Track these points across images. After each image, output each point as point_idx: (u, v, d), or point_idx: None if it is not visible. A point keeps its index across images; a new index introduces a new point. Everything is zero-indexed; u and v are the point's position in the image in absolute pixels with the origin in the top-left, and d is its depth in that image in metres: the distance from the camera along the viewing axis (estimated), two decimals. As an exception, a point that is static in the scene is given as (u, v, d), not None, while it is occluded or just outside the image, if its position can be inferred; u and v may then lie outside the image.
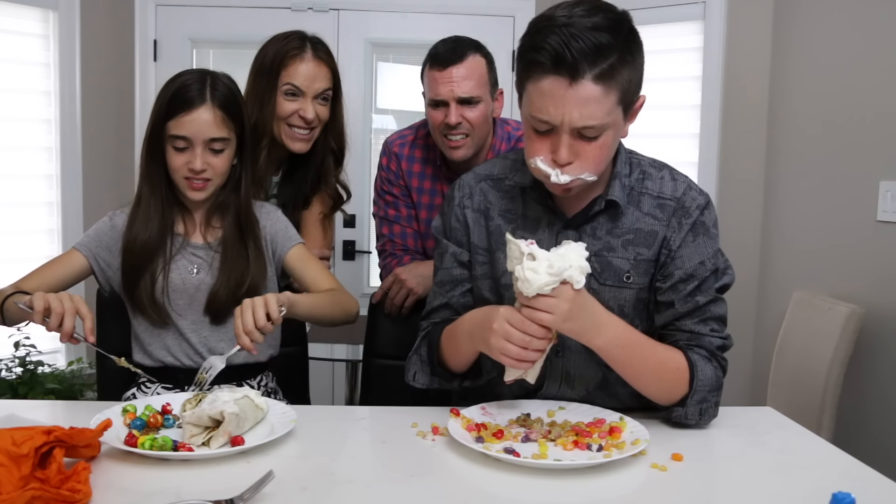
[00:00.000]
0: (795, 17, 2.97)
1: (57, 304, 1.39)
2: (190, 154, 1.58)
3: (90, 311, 1.43)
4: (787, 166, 3.01)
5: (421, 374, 1.53)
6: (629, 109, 1.34)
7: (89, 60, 3.29)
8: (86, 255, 1.66)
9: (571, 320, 1.25)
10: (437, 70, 1.95)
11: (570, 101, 1.26)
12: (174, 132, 1.57)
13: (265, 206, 1.77)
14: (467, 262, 1.52)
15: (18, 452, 1.05)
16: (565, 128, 1.28)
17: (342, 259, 3.68)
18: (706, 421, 1.41)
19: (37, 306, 1.40)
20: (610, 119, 1.29)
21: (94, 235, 1.68)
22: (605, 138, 1.31)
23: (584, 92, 1.25)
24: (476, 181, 1.53)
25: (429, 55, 2.00)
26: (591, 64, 1.24)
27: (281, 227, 1.75)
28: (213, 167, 1.60)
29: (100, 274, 1.67)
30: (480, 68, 1.97)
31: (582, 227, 1.44)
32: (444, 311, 1.54)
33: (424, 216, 2.16)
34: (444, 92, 1.94)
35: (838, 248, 2.67)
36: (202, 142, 1.58)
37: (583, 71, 1.24)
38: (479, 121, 1.97)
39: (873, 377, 2.47)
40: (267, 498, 1.08)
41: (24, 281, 1.61)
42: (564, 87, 1.25)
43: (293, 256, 1.73)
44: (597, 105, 1.26)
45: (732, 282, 1.50)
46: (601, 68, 1.24)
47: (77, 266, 1.66)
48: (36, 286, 1.57)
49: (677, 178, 1.46)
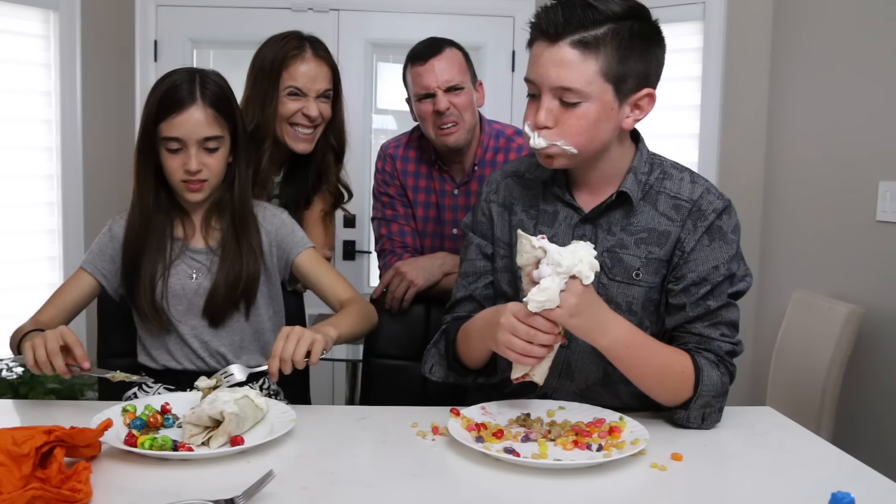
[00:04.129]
0: (795, 17, 2.97)
1: (40, 353, 1.37)
2: (184, 155, 1.56)
3: (77, 340, 1.40)
4: (787, 166, 3.01)
5: (438, 368, 1.54)
6: (624, 93, 1.35)
7: (89, 61, 3.28)
8: (91, 272, 1.65)
9: (578, 315, 1.25)
10: (420, 65, 2.02)
11: (547, 61, 1.33)
12: (167, 134, 1.56)
13: (269, 208, 1.75)
14: (491, 255, 1.55)
15: (19, 452, 1.05)
16: (545, 89, 1.34)
17: (342, 259, 3.68)
18: (709, 425, 1.41)
19: (28, 361, 1.39)
20: (591, 89, 1.32)
21: (96, 251, 1.67)
22: (587, 110, 1.33)
23: (560, 54, 1.32)
24: (503, 177, 1.57)
25: (408, 56, 2.08)
26: (571, 31, 1.31)
27: (287, 231, 1.72)
28: (209, 167, 1.59)
29: (108, 287, 1.67)
30: (458, 59, 2.06)
31: (598, 221, 1.45)
32: (466, 303, 1.56)
33: (421, 214, 2.18)
34: (429, 82, 2.00)
35: (838, 248, 2.67)
36: (196, 142, 1.56)
37: (561, 35, 1.32)
38: (466, 105, 2.04)
39: (873, 377, 2.47)
40: (267, 498, 1.08)
41: (40, 313, 1.61)
42: (544, 48, 1.33)
43: (304, 261, 1.71)
44: (574, 69, 1.31)
45: (748, 289, 1.50)
46: (580, 36, 1.31)
47: (87, 287, 1.66)
48: (52, 316, 1.59)
49: (697, 180, 1.47)
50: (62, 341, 1.38)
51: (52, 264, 3.21)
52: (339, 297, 1.68)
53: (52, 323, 1.57)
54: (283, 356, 1.40)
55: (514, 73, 3.70)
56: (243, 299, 1.66)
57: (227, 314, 1.66)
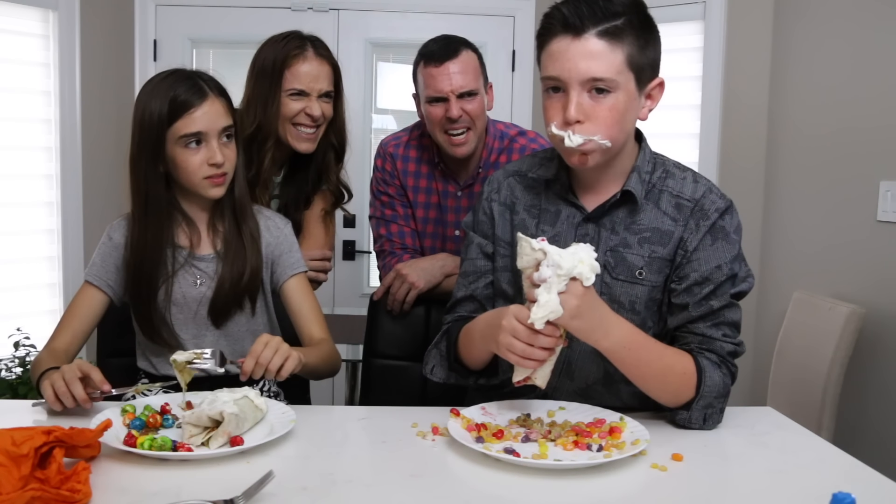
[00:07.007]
0: (796, 17, 2.97)
1: (59, 385, 1.36)
2: (207, 150, 1.55)
3: (92, 366, 1.39)
4: (787, 166, 3.01)
5: (439, 369, 1.54)
6: (643, 83, 1.37)
7: (89, 60, 3.28)
8: (98, 285, 1.64)
9: (580, 317, 1.25)
10: (434, 66, 1.98)
11: (574, 54, 1.32)
12: (186, 131, 1.54)
13: (272, 218, 1.74)
14: (491, 254, 1.55)
15: (18, 452, 1.05)
16: (573, 83, 1.33)
17: (342, 259, 3.68)
18: (710, 426, 1.41)
19: (48, 399, 1.38)
20: (620, 79, 1.33)
21: (99, 262, 1.65)
22: (616, 101, 1.34)
23: (589, 45, 1.32)
24: (504, 176, 1.57)
25: (421, 54, 2.03)
26: (595, 22, 1.31)
27: (285, 248, 1.71)
28: (229, 159, 1.59)
29: (115, 298, 1.66)
30: (473, 62, 2.03)
31: (601, 221, 1.45)
32: (467, 303, 1.56)
33: (421, 215, 2.17)
34: (443, 87, 1.97)
35: (838, 248, 2.67)
36: (216, 133, 1.56)
37: (587, 27, 1.31)
38: (478, 112, 2.01)
39: (873, 377, 2.47)
40: (267, 498, 1.08)
41: (55, 339, 1.59)
42: (569, 42, 1.32)
43: (292, 286, 1.70)
44: (602, 59, 1.31)
45: (750, 289, 1.50)
46: (605, 26, 1.32)
47: (97, 302, 1.64)
48: (69, 341, 1.59)
49: (699, 180, 1.48)
50: (80, 373, 1.37)
51: (52, 264, 3.20)
52: (311, 333, 1.67)
53: (69, 349, 1.57)
54: (260, 360, 1.39)
55: (515, 73, 3.70)
56: (247, 295, 1.66)
57: (230, 312, 1.65)
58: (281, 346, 1.41)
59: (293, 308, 1.70)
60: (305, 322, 1.69)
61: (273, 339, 1.41)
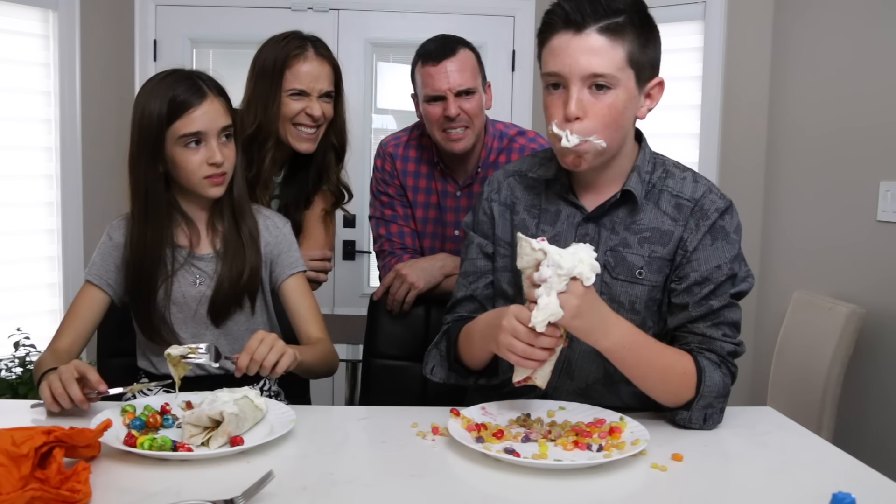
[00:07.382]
0: (795, 17, 2.97)
1: (56, 386, 1.36)
2: (206, 149, 1.56)
3: (89, 366, 1.40)
4: (787, 166, 3.01)
5: (439, 369, 1.54)
6: (643, 82, 1.37)
7: (89, 60, 3.28)
8: (98, 284, 1.64)
9: (580, 317, 1.25)
10: (432, 65, 1.98)
11: (575, 49, 1.33)
12: (186, 131, 1.54)
13: (272, 217, 1.74)
14: (491, 254, 1.55)
15: (18, 452, 1.05)
16: (574, 79, 1.33)
17: (342, 259, 3.68)
18: (710, 426, 1.41)
19: (46, 400, 1.38)
20: (620, 75, 1.33)
21: (99, 262, 1.65)
22: (616, 98, 1.34)
23: (590, 41, 1.32)
24: (505, 176, 1.57)
25: (419, 54, 2.04)
26: (597, 19, 1.32)
27: (284, 247, 1.71)
28: (228, 158, 1.59)
29: (115, 297, 1.66)
30: (471, 61, 2.03)
31: (601, 220, 1.45)
32: (467, 303, 1.56)
33: (420, 215, 2.17)
34: (441, 85, 1.97)
35: (838, 248, 2.67)
36: (216, 133, 1.56)
37: (588, 23, 1.32)
38: (476, 110, 2.01)
39: (873, 377, 2.47)
40: (267, 498, 1.08)
41: (57, 339, 1.60)
42: (570, 38, 1.33)
43: (291, 286, 1.70)
44: (603, 55, 1.32)
45: (750, 289, 1.50)
46: (607, 23, 1.32)
47: (98, 301, 1.64)
48: (71, 342, 1.59)
49: (699, 180, 1.48)
50: (77, 373, 1.37)
51: (52, 264, 3.21)
52: (309, 332, 1.67)
53: (72, 349, 1.57)
54: (255, 356, 1.39)
55: (515, 73, 3.70)
56: (246, 295, 1.66)
57: (230, 311, 1.65)
58: (276, 342, 1.41)
59: (291, 307, 1.70)
60: (303, 321, 1.69)
61: (268, 336, 1.42)
